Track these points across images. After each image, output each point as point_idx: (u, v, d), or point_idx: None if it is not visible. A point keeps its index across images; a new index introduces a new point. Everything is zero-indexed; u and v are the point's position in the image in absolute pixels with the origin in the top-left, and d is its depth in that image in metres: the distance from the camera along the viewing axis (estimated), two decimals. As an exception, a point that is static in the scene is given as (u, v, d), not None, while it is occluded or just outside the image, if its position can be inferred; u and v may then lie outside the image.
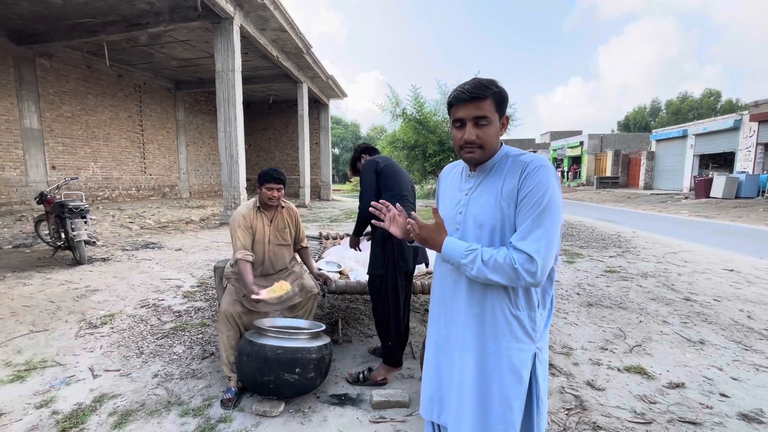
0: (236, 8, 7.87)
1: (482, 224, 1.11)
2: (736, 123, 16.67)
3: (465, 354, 1.15)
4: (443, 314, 1.23)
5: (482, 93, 1.06)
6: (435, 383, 1.25)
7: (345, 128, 39.53)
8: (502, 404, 1.10)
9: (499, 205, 1.09)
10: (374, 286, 2.26)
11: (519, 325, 1.11)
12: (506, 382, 1.10)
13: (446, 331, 1.21)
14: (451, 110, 1.13)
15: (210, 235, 7.37)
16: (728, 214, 11.11)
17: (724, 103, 40.86)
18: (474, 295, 1.13)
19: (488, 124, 1.08)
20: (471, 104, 1.07)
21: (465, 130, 1.09)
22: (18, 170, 9.35)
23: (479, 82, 1.09)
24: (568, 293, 4.01)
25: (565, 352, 2.70)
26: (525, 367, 1.11)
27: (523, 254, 1.00)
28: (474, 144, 1.09)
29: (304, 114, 13.64)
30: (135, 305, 3.55)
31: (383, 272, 2.20)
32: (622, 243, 6.81)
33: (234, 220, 2.30)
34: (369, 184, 2.32)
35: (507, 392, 1.10)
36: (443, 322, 1.23)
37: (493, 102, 1.08)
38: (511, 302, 1.11)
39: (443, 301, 1.24)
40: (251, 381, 2.01)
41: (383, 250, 2.21)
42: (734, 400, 2.12)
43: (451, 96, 1.12)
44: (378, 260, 2.22)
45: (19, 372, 2.37)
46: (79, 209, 4.82)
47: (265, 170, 2.32)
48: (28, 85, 9.45)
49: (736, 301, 3.76)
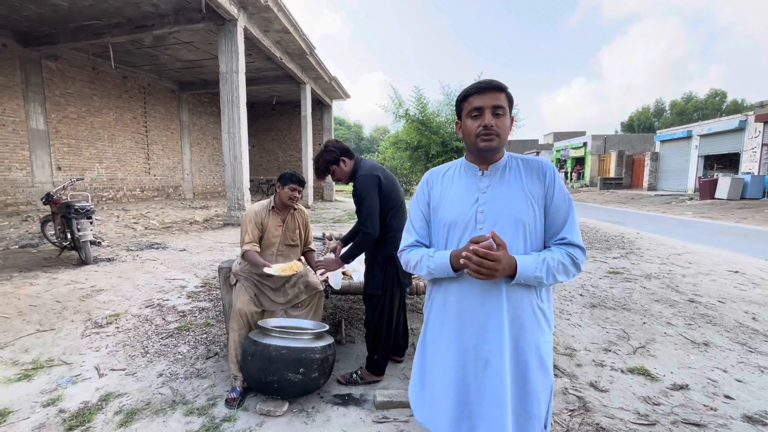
0: (240, 10, 7.91)
1: (516, 219, 1.13)
2: (741, 124, 16.55)
3: (499, 357, 1.11)
4: (465, 325, 1.16)
5: (500, 85, 1.15)
6: (456, 401, 1.16)
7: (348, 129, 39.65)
8: (535, 398, 1.13)
9: (531, 204, 1.14)
10: (371, 304, 2.24)
11: (544, 316, 1.16)
12: (537, 375, 1.13)
13: (474, 340, 1.14)
14: (466, 102, 1.17)
15: (214, 236, 7.40)
16: (733, 215, 11.03)
17: (730, 104, 40.64)
18: (511, 296, 1.12)
19: (504, 115, 1.14)
20: (490, 94, 1.13)
21: (483, 118, 1.12)
22: (24, 171, 9.44)
23: (494, 79, 1.17)
24: (572, 294, 4.00)
25: (569, 353, 2.70)
26: (549, 358, 1.16)
27: (578, 248, 1.12)
28: (492, 130, 1.12)
29: (307, 115, 13.68)
30: (140, 305, 3.58)
31: (381, 292, 2.18)
32: (625, 244, 6.78)
33: (246, 215, 2.35)
34: (374, 206, 2.09)
35: (537, 386, 1.13)
36: (469, 333, 1.15)
37: (506, 98, 1.15)
38: (537, 295, 1.15)
39: (462, 312, 1.17)
40: (255, 380, 2.02)
41: (383, 271, 2.17)
42: (739, 402, 2.11)
43: (469, 87, 1.16)
44: (377, 280, 2.17)
45: (26, 371, 2.39)
46: (85, 210, 4.86)
47: (289, 172, 2.37)
48: (35, 87, 9.54)
49: (741, 302, 3.74)
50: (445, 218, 1.20)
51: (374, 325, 2.22)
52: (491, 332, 1.12)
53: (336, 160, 2.21)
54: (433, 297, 1.27)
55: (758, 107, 15.89)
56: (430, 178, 1.30)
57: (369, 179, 2.11)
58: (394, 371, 2.42)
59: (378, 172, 2.17)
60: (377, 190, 2.11)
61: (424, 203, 1.28)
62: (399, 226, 2.16)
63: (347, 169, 2.22)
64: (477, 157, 1.20)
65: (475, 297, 1.14)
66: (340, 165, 2.22)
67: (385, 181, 2.16)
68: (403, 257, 1.30)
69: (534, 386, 1.12)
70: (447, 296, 1.21)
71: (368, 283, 2.23)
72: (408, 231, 1.31)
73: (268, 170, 18.83)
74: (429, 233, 1.28)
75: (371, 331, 2.25)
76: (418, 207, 1.30)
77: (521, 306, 1.12)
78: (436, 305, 1.25)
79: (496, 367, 1.12)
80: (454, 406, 1.16)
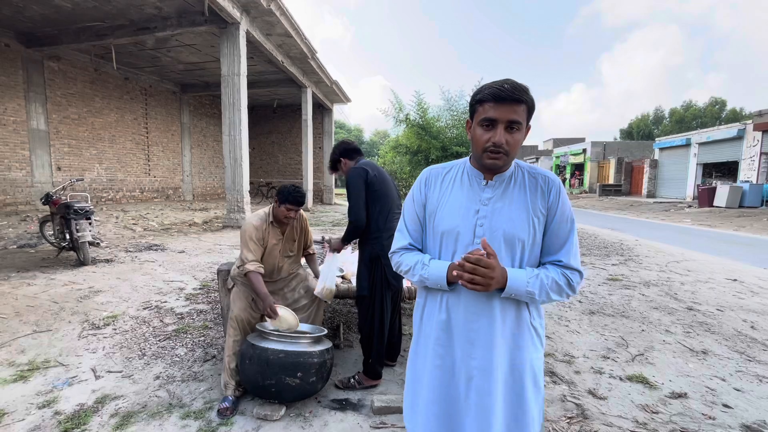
0: (243, 13, 7.95)
1: (515, 236, 1.06)
2: (739, 132, 16.64)
3: (484, 373, 1.08)
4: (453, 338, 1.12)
5: (522, 97, 1.00)
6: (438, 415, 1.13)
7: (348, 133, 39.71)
8: (528, 414, 1.10)
9: (531, 221, 1.07)
10: (361, 305, 2.27)
11: (536, 334, 1.12)
12: (531, 393, 1.10)
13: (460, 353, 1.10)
14: (480, 107, 1.03)
15: (213, 238, 7.39)
16: (732, 223, 11.06)
17: (728, 112, 40.82)
18: (506, 313, 1.08)
19: (519, 130, 1.02)
20: (509, 106, 0.99)
21: (495, 132, 1.01)
22: (24, 171, 9.43)
23: (518, 84, 1.01)
24: (570, 301, 4.00)
25: (567, 360, 2.70)
26: (540, 374, 1.13)
27: (576, 272, 1.07)
28: (502, 149, 1.01)
29: (308, 118, 13.72)
30: (138, 307, 3.57)
31: (368, 293, 2.20)
32: (624, 251, 6.79)
33: (246, 231, 2.25)
34: (359, 196, 2.18)
35: (532, 403, 1.10)
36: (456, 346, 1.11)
37: (526, 109, 1.02)
38: (530, 313, 1.11)
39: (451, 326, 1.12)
40: (253, 384, 2.01)
41: (370, 271, 2.20)
42: (737, 411, 2.11)
43: (487, 92, 1.01)
44: (364, 281, 2.21)
45: (22, 372, 2.38)
46: (84, 210, 4.85)
47: (289, 189, 2.23)
48: (36, 87, 9.56)
49: (739, 311, 3.74)
50: (441, 226, 1.13)
51: (367, 328, 2.23)
52: (479, 348, 1.07)
53: (338, 159, 2.38)
54: (425, 305, 1.20)
55: (756, 116, 15.99)
56: (429, 178, 1.20)
57: (355, 171, 2.23)
58: (391, 376, 2.42)
59: (369, 167, 2.25)
60: (363, 181, 2.20)
61: (419, 205, 1.20)
62: (387, 227, 2.18)
63: (346, 169, 2.35)
64: (482, 168, 1.12)
65: (466, 312, 1.09)
66: (341, 164, 2.38)
67: (373, 173, 2.23)
68: (394, 259, 1.23)
69: (529, 405, 1.10)
70: (438, 307, 1.14)
71: (358, 285, 2.27)
72: (401, 232, 1.23)
73: (268, 173, 18.85)
74: (422, 237, 1.21)
75: (365, 335, 2.26)
76: (413, 207, 1.21)
77: (516, 323, 1.09)
78: (427, 314, 1.18)
79: (479, 383, 1.07)
80: (436, 418, 1.13)
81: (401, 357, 2.63)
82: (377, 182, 2.21)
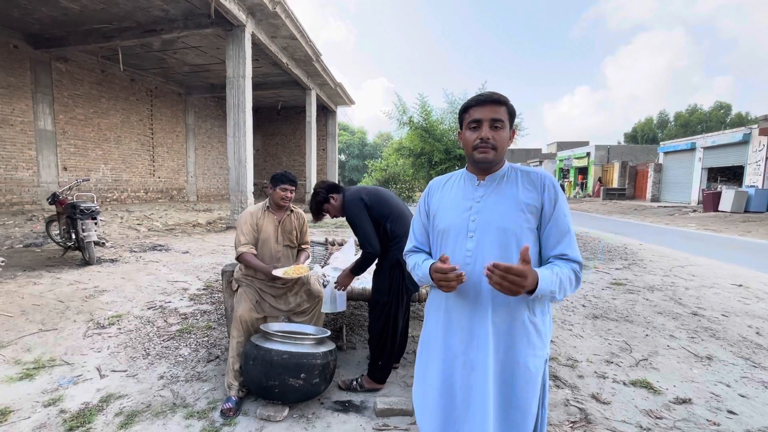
0: (248, 16, 8.01)
1: (506, 230, 1.13)
2: (745, 137, 16.53)
3: (484, 364, 1.13)
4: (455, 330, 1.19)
5: (501, 98, 1.16)
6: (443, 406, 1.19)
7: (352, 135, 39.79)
8: (520, 412, 1.12)
9: (521, 213, 1.13)
10: (376, 310, 2.25)
11: (535, 331, 1.14)
12: (524, 389, 1.12)
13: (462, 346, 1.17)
14: (467, 114, 1.19)
15: (216, 239, 7.43)
16: (737, 228, 10.98)
17: (734, 117, 40.61)
18: (499, 307, 1.13)
19: (502, 128, 1.15)
20: (490, 106, 1.15)
21: (481, 130, 1.15)
22: (30, 171, 9.53)
23: (497, 92, 1.18)
24: (574, 305, 3.98)
25: (570, 364, 2.69)
26: (539, 373, 1.14)
27: (577, 264, 1.12)
28: (489, 143, 1.14)
29: (312, 120, 13.77)
30: (142, 306, 3.59)
31: (387, 299, 2.20)
32: (628, 255, 6.76)
33: (241, 217, 2.35)
34: (366, 224, 2.17)
35: (525, 400, 1.12)
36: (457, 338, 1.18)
37: (507, 111, 1.17)
38: (530, 309, 1.14)
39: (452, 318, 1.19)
40: (256, 385, 2.02)
41: (390, 277, 2.20)
42: (742, 417, 2.09)
43: (471, 99, 1.18)
44: (384, 287, 2.21)
45: (27, 370, 2.40)
46: (90, 210, 4.89)
47: (279, 173, 2.39)
48: (44, 88, 9.66)
49: (744, 316, 3.71)
50: (440, 225, 1.24)
51: (379, 331, 2.22)
52: (477, 339, 1.14)
53: (325, 198, 2.30)
54: (431, 298, 1.31)
55: (762, 120, 15.86)
56: (431, 188, 1.35)
57: (354, 203, 2.20)
58: (394, 379, 2.41)
59: (361, 193, 2.23)
60: (365, 209, 2.18)
61: (423, 213, 1.34)
62: (402, 231, 2.18)
63: (338, 204, 2.30)
64: (475, 167, 1.22)
65: (464, 305, 1.17)
66: (331, 202, 2.30)
67: (369, 197, 2.22)
68: (406, 260, 1.37)
69: (520, 400, 1.11)
70: (442, 300, 1.24)
71: (375, 289, 2.25)
72: (409, 237, 1.40)
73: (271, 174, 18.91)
74: (428, 241, 1.34)
75: (375, 338, 2.25)
76: (419, 217, 1.36)
77: (509, 319, 1.12)
78: (433, 308, 1.28)
79: (480, 372, 1.13)
80: (441, 410, 1.19)
81: (404, 360, 2.63)
82: (374, 201, 2.22)
